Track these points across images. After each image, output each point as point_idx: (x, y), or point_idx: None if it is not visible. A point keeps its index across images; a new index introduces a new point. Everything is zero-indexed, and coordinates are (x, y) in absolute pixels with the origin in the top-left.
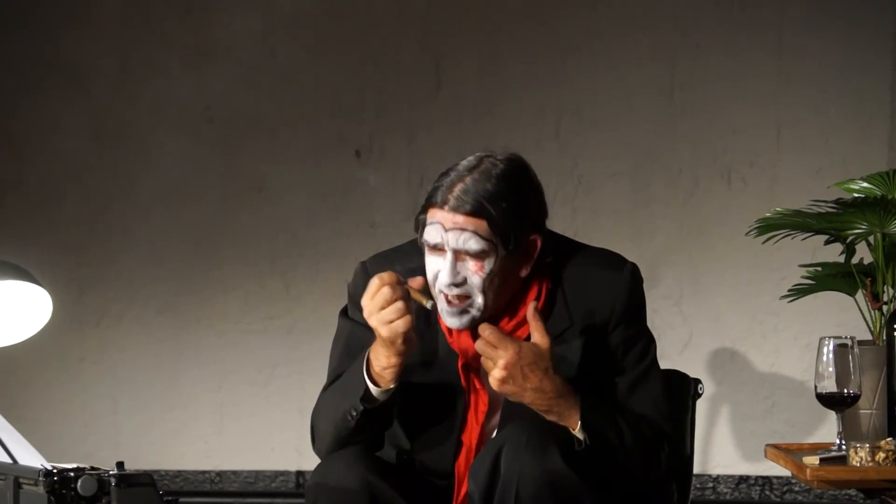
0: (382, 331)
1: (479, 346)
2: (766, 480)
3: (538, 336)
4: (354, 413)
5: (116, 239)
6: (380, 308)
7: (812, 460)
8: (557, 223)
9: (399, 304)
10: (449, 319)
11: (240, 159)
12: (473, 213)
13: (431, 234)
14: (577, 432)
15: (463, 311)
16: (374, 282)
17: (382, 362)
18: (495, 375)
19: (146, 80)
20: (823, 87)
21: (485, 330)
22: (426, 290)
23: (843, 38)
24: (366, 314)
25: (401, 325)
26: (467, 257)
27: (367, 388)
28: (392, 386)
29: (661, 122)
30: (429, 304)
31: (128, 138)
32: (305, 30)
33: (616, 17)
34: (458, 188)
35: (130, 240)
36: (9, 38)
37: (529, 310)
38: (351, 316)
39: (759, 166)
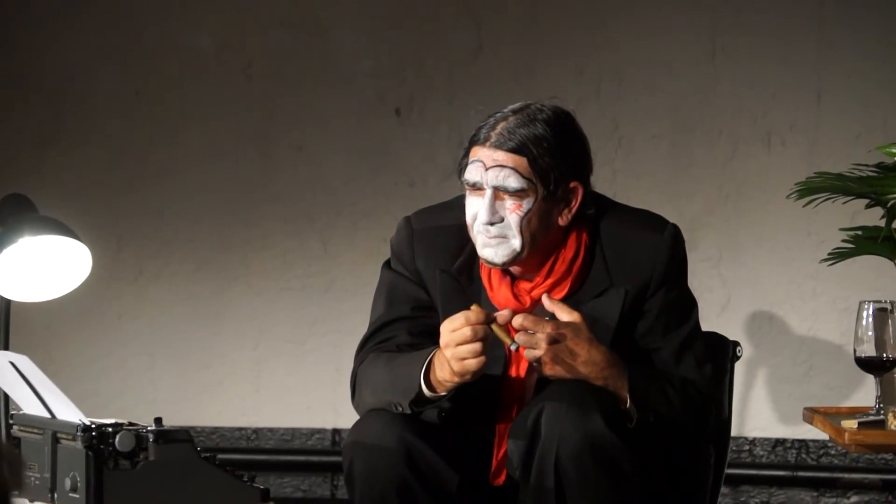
0: (454, 365)
1: (519, 338)
2: (803, 444)
3: (566, 315)
4: (400, 409)
5: (155, 195)
6: (457, 343)
7: (850, 424)
8: (597, 185)
9: (476, 346)
10: (485, 251)
11: (279, 117)
12: (514, 150)
13: (472, 173)
14: (629, 407)
15: (499, 244)
16: (459, 317)
17: (445, 376)
18: (543, 360)
19: (187, 37)
20: (864, 51)
21: (517, 319)
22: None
23: (884, 3)
24: (442, 343)
25: (473, 364)
26: (506, 196)
27: (419, 392)
28: (445, 394)
29: (701, 85)
30: (512, 346)
31: (168, 94)
32: None
33: None
34: (500, 126)
35: (169, 196)
36: None
37: (545, 299)
38: (394, 268)
39: (799, 130)
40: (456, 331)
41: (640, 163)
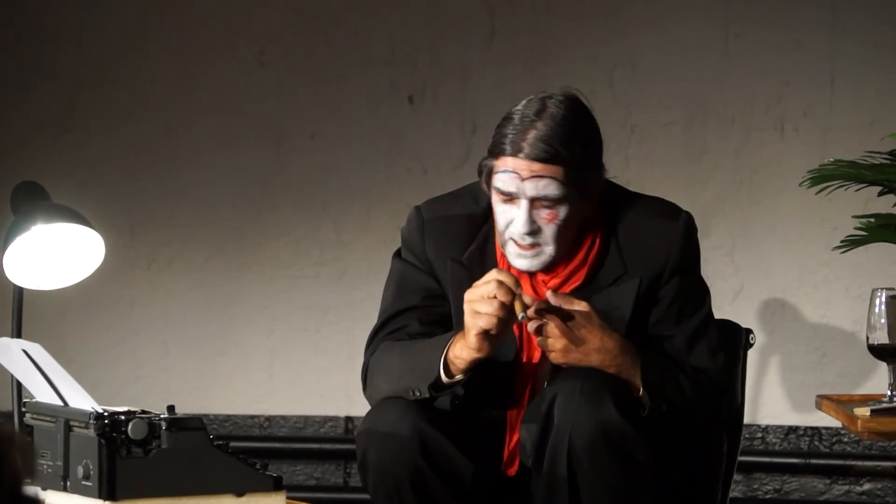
0: (467, 317)
1: (531, 327)
2: (815, 431)
3: (574, 305)
4: (418, 394)
5: (168, 183)
6: (480, 295)
7: (863, 411)
8: (611, 172)
9: (495, 303)
10: (519, 261)
11: (292, 105)
12: (550, 159)
13: (507, 183)
14: (642, 395)
15: (534, 255)
16: (493, 272)
17: (456, 350)
18: (556, 347)
19: (201, 24)
20: (878, 38)
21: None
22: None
23: None
24: (465, 294)
25: (483, 321)
26: (542, 206)
27: (438, 376)
28: (461, 377)
29: (714, 72)
30: (519, 316)
31: (181, 82)
32: None
33: None
34: (531, 135)
35: (182, 184)
36: None
37: (549, 295)
38: (404, 257)
39: (813, 117)
40: (483, 284)
41: (653, 150)
